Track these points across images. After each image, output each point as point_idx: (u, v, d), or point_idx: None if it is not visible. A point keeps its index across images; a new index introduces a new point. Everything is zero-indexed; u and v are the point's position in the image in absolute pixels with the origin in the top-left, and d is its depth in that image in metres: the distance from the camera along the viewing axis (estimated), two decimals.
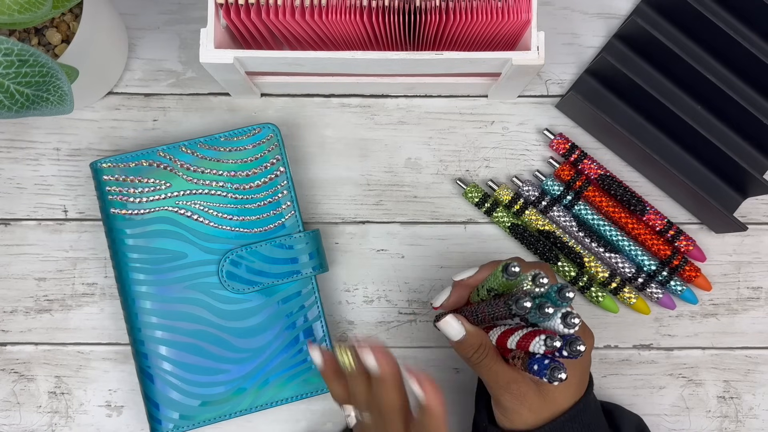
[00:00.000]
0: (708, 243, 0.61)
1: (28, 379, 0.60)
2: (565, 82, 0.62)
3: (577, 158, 0.60)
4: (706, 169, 0.60)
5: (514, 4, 0.50)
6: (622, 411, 0.54)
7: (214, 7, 0.50)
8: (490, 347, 0.47)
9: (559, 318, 0.43)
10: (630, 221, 0.59)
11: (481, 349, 0.46)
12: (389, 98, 0.61)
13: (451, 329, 0.47)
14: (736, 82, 0.61)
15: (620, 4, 0.62)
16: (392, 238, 0.61)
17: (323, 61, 0.51)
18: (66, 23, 0.53)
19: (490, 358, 0.47)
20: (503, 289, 0.46)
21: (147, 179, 0.56)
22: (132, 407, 0.60)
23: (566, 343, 0.42)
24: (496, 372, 0.46)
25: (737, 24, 0.61)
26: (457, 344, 0.47)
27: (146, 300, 0.56)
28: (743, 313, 0.61)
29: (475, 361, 0.47)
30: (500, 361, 0.47)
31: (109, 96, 0.61)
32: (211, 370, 0.56)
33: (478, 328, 0.47)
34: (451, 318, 0.47)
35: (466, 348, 0.47)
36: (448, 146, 0.61)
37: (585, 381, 0.49)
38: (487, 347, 0.47)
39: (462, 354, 0.48)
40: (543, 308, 0.42)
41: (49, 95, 0.45)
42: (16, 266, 0.60)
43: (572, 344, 0.42)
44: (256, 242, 0.57)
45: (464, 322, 0.47)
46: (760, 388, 0.61)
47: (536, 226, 0.60)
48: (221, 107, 0.61)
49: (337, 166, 0.61)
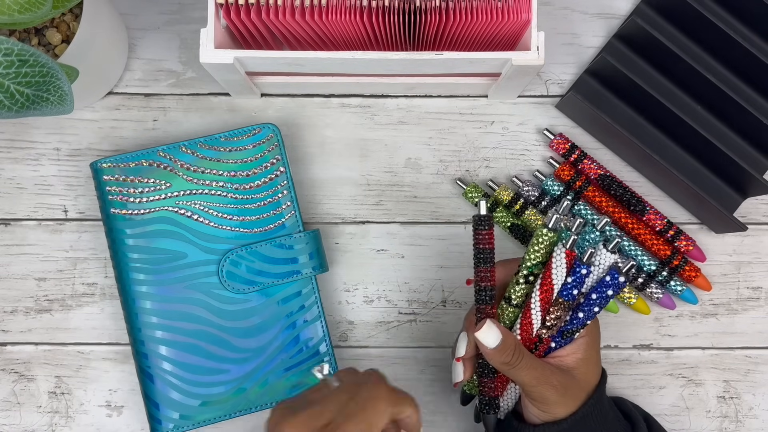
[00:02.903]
0: (708, 243, 0.61)
1: (29, 379, 0.60)
2: (565, 82, 0.62)
3: (577, 158, 0.60)
4: (706, 169, 0.60)
5: (514, 4, 0.50)
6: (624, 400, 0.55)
7: (214, 7, 0.50)
8: (522, 346, 0.47)
9: (601, 245, 0.44)
10: (630, 221, 0.59)
11: (518, 349, 0.46)
12: (389, 98, 0.61)
13: (489, 335, 0.46)
14: (736, 82, 0.61)
15: (620, 4, 0.62)
16: (392, 238, 0.61)
17: (323, 61, 0.51)
18: (66, 23, 0.53)
19: (527, 356, 0.47)
20: (545, 258, 0.47)
21: (147, 179, 0.56)
22: (132, 407, 0.60)
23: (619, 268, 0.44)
24: (536, 368, 0.46)
25: (737, 24, 0.61)
26: (494, 351, 0.46)
27: (146, 300, 0.56)
28: (743, 313, 0.61)
29: (515, 363, 0.46)
30: (535, 357, 0.47)
31: (109, 96, 0.61)
32: (211, 370, 0.56)
33: (507, 330, 0.47)
34: (490, 322, 0.46)
35: (505, 351, 0.46)
36: (448, 146, 0.61)
37: (600, 359, 0.50)
38: (520, 346, 0.47)
39: (500, 360, 0.46)
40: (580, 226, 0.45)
41: (49, 95, 0.45)
42: (17, 266, 0.60)
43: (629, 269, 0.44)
44: (256, 242, 0.57)
45: (498, 326, 0.47)
46: (760, 388, 0.61)
47: (536, 226, 0.60)
48: (221, 107, 0.61)
49: (337, 166, 0.61)
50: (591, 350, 0.49)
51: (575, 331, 0.47)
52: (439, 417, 0.60)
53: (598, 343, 0.50)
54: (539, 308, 0.47)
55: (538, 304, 0.47)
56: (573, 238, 0.45)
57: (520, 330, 0.48)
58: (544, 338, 0.48)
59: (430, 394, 0.60)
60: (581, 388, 0.48)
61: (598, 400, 0.49)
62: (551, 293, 0.46)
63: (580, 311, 0.46)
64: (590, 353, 0.48)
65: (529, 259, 0.47)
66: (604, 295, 0.45)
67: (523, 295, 0.48)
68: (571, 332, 0.47)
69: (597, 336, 0.50)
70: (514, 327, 0.49)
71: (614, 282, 0.44)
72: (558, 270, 0.46)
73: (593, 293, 0.46)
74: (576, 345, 0.48)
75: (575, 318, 0.47)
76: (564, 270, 0.46)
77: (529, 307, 0.48)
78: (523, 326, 0.48)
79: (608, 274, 0.44)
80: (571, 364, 0.48)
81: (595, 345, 0.49)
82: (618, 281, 0.44)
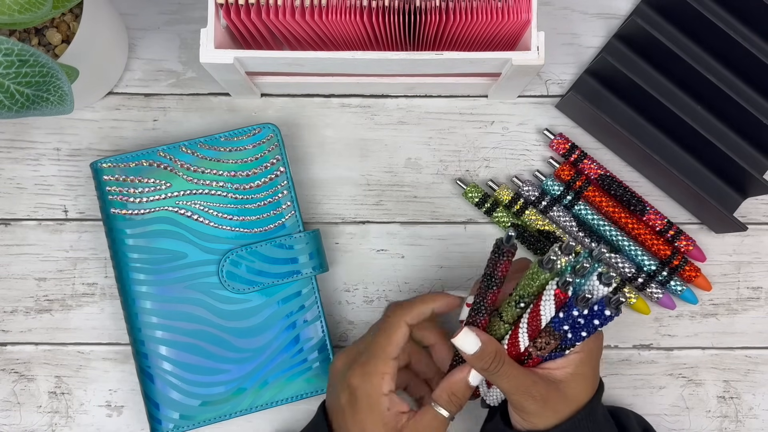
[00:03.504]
0: (708, 243, 0.61)
1: (29, 379, 0.60)
2: (565, 82, 0.62)
3: (577, 158, 0.60)
4: (706, 169, 0.60)
5: (514, 4, 0.50)
6: (627, 413, 0.55)
7: (214, 7, 0.50)
8: (505, 353, 0.47)
9: (595, 277, 0.43)
10: (630, 221, 0.59)
11: (498, 357, 0.46)
12: (389, 98, 0.61)
13: (467, 341, 0.46)
14: (736, 82, 0.61)
15: (620, 4, 0.62)
16: (392, 238, 0.61)
17: (323, 61, 0.51)
18: (66, 23, 0.53)
19: (508, 364, 0.46)
20: (539, 290, 0.46)
21: (147, 179, 0.56)
22: (132, 407, 0.60)
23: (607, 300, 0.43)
24: (516, 377, 0.46)
25: (737, 24, 0.61)
26: (473, 357, 0.46)
27: (146, 300, 0.56)
28: (743, 313, 0.61)
29: (494, 371, 0.46)
30: (517, 365, 0.47)
31: (109, 96, 0.61)
32: (211, 370, 0.56)
33: (490, 336, 0.47)
34: (467, 329, 0.46)
35: (484, 358, 0.46)
36: (448, 146, 0.61)
37: (598, 375, 0.50)
38: (502, 354, 0.46)
39: (479, 366, 0.47)
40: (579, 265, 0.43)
41: (49, 95, 0.45)
42: (17, 266, 0.60)
43: (615, 301, 0.43)
44: (256, 242, 0.57)
45: (478, 332, 0.46)
46: (760, 388, 0.61)
47: (536, 226, 0.60)
48: (221, 107, 0.61)
49: (337, 166, 0.61)
50: (584, 366, 0.48)
51: (565, 348, 0.47)
52: None
53: (596, 360, 0.49)
54: (526, 333, 0.47)
55: (525, 330, 0.46)
56: (568, 281, 0.44)
57: (508, 345, 0.48)
58: (533, 356, 0.47)
59: None
60: (567, 402, 0.47)
61: (589, 414, 0.48)
62: (539, 325, 0.46)
63: (570, 332, 0.46)
64: (583, 369, 0.47)
65: (521, 288, 0.46)
66: (591, 324, 0.44)
67: (514, 316, 0.48)
68: (562, 349, 0.47)
69: (596, 352, 0.49)
70: (504, 340, 0.48)
71: (600, 313, 0.43)
72: (546, 306, 0.45)
73: (580, 318, 0.45)
74: (567, 359, 0.47)
75: (564, 338, 0.46)
76: (552, 307, 0.45)
77: (516, 332, 0.47)
78: (511, 343, 0.48)
79: (596, 304, 0.44)
80: (560, 377, 0.47)
81: (591, 361, 0.48)
82: (603, 314, 0.43)
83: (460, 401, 0.48)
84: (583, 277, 0.44)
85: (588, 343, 0.47)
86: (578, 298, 0.43)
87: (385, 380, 0.48)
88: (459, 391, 0.48)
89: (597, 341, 0.49)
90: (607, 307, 0.42)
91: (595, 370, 0.49)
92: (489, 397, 0.52)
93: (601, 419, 0.49)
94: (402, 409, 0.48)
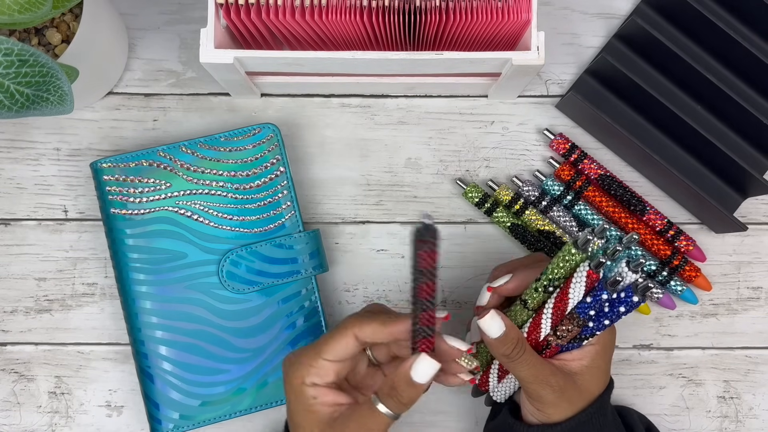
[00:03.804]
0: (708, 243, 0.61)
1: (28, 379, 0.60)
2: (565, 82, 0.62)
3: (577, 158, 0.60)
4: (706, 169, 0.60)
5: (514, 4, 0.50)
6: (630, 411, 0.55)
7: (214, 7, 0.50)
8: (526, 341, 0.47)
9: (623, 263, 0.43)
10: (630, 221, 0.59)
11: (520, 344, 0.46)
12: (389, 98, 0.61)
13: (493, 325, 0.46)
14: (736, 82, 0.61)
15: (620, 4, 0.62)
16: (392, 238, 0.61)
17: (323, 61, 0.51)
18: (66, 23, 0.53)
19: (528, 352, 0.46)
20: (569, 274, 0.46)
21: (147, 179, 0.56)
22: (132, 407, 0.60)
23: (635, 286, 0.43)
24: (536, 366, 0.46)
25: (737, 24, 0.61)
26: (496, 341, 0.46)
27: (146, 300, 0.56)
28: (743, 313, 0.61)
29: (515, 357, 0.46)
30: (537, 354, 0.47)
31: (109, 96, 0.61)
32: (211, 370, 0.56)
33: (512, 323, 0.47)
34: (494, 313, 0.46)
35: (507, 343, 0.46)
36: (448, 146, 0.61)
37: (610, 369, 0.50)
38: (523, 342, 0.46)
39: (500, 352, 0.46)
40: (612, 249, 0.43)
41: (49, 95, 0.45)
42: (16, 266, 0.60)
43: (644, 287, 0.43)
44: (256, 242, 0.57)
45: (503, 317, 0.46)
46: (760, 388, 0.61)
47: (536, 226, 0.60)
48: (221, 107, 0.61)
49: (337, 166, 0.61)
50: (599, 359, 0.48)
51: (583, 339, 0.47)
52: (439, 417, 0.60)
53: (610, 354, 0.49)
54: (550, 319, 0.47)
55: (549, 315, 0.47)
56: (601, 262, 0.44)
57: (528, 334, 0.48)
58: (552, 345, 0.47)
59: (430, 393, 0.60)
60: (580, 395, 0.48)
61: (600, 409, 0.48)
62: (565, 308, 0.46)
63: (591, 321, 0.46)
64: (597, 362, 0.48)
65: (551, 272, 0.46)
66: (616, 311, 0.44)
67: (539, 302, 0.48)
68: (580, 339, 0.47)
69: (610, 346, 0.49)
70: (523, 327, 0.49)
71: (627, 299, 0.43)
72: (576, 288, 0.45)
73: (607, 303, 0.45)
74: (583, 351, 0.47)
75: (585, 327, 0.47)
76: (582, 289, 0.45)
77: (540, 316, 0.47)
78: (531, 330, 0.48)
79: (623, 290, 0.44)
80: (575, 369, 0.47)
81: (605, 355, 0.49)
82: (631, 300, 0.43)
83: (400, 397, 0.44)
84: (614, 261, 0.44)
85: (603, 336, 0.48)
86: (609, 281, 0.44)
87: (310, 372, 0.46)
88: (400, 385, 0.44)
89: (611, 335, 0.49)
90: (635, 293, 0.43)
91: (608, 364, 0.49)
92: (497, 393, 0.52)
93: (610, 415, 0.49)
94: (339, 401, 0.46)
